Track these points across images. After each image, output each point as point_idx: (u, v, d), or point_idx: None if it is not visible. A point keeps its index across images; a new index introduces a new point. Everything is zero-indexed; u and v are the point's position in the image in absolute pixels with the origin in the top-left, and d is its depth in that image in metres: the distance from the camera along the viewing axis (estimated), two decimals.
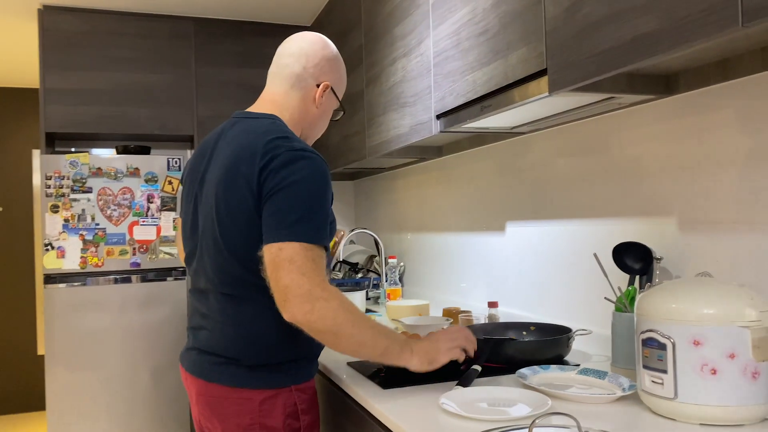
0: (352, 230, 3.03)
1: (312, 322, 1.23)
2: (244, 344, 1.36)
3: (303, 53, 1.49)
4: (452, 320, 2.12)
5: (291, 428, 1.37)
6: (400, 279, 3.06)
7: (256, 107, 1.50)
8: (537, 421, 1.00)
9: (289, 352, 1.38)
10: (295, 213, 1.27)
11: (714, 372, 1.06)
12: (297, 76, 1.48)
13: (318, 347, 1.44)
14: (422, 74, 1.97)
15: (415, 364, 1.35)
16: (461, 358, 1.41)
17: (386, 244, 3.31)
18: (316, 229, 1.28)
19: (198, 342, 1.44)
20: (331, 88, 1.52)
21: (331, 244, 3.10)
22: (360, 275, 3.26)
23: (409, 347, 1.35)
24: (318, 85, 1.49)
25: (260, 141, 1.33)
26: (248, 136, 1.37)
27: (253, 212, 1.31)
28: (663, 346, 1.10)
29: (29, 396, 4.78)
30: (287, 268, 1.24)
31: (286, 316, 1.25)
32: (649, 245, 1.52)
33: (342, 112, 1.60)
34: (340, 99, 1.57)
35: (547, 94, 1.36)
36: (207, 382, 1.39)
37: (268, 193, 1.29)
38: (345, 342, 1.27)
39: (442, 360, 1.38)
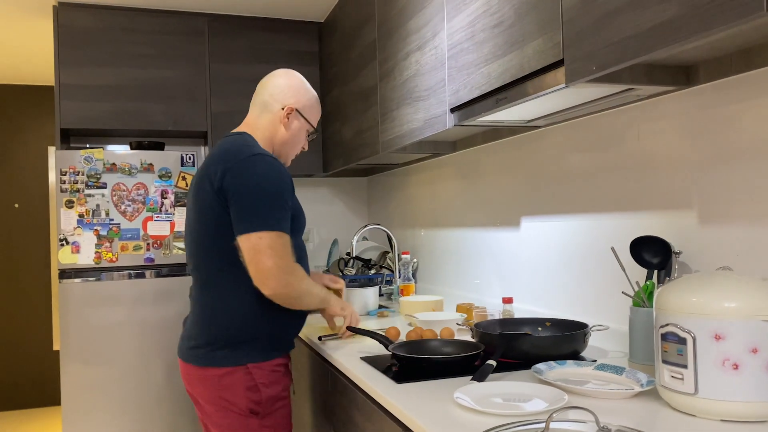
0: (365, 226, 3.02)
1: (288, 293, 1.58)
2: (207, 327, 1.63)
3: (270, 84, 1.80)
4: (466, 316, 2.11)
5: (251, 400, 1.61)
6: (414, 275, 3.04)
7: (236, 130, 1.80)
8: (554, 415, 0.98)
9: (246, 333, 1.61)
10: (261, 207, 1.56)
11: (736, 367, 1.03)
12: (264, 102, 1.78)
13: (275, 328, 1.66)
14: (436, 67, 1.95)
15: (334, 304, 1.81)
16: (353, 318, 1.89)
17: (399, 240, 3.30)
18: (284, 220, 1.59)
19: (184, 329, 1.74)
20: (297, 111, 1.78)
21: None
22: (373, 271, 3.25)
23: (331, 297, 1.81)
24: (283, 108, 1.77)
25: (226, 149, 1.65)
26: (219, 148, 1.68)
27: (216, 208, 1.60)
28: (683, 341, 1.08)
29: (45, 391, 4.82)
30: (268, 253, 1.54)
31: (267, 292, 1.55)
32: (667, 239, 1.49)
33: (315, 133, 1.88)
34: (310, 121, 1.83)
35: (564, 85, 1.34)
36: (184, 362, 1.68)
37: (234, 191, 1.57)
38: (305, 300, 1.64)
39: (350, 309, 1.87)
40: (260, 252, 1.53)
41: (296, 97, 1.79)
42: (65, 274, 2.82)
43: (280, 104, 1.77)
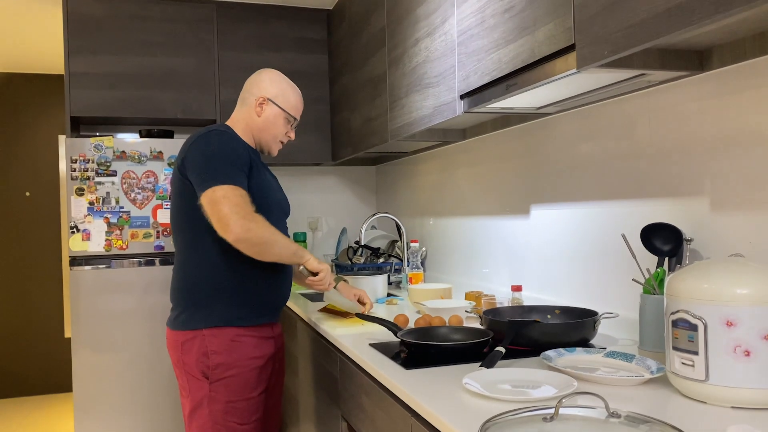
0: (374, 215, 3.01)
1: (250, 238, 1.66)
2: (176, 292, 1.82)
3: (248, 81, 1.98)
4: (475, 303, 2.10)
5: (203, 365, 1.76)
6: (423, 264, 3.04)
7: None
8: (564, 401, 0.98)
9: (205, 298, 1.76)
10: (215, 166, 1.70)
11: (747, 354, 1.03)
12: (242, 96, 1.96)
13: (235, 297, 1.78)
14: (446, 54, 1.94)
15: (312, 260, 1.84)
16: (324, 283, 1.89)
17: (408, 228, 3.29)
18: (234, 176, 1.70)
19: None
20: (269, 99, 1.92)
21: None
22: (382, 260, 3.25)
23: (307, 253, 1.84)
24: (257, 99, 1.91)
25: (193, 135, 1.81)
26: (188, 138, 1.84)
27: (181, 184, 1.77)
28: (694, 327, 1.07)
29: (57, 378, 4.87)
30: (224, 202, 1.65)
31: (230, 238, 1.64)
32: (679, 226, 1.48)
33: (293, 119, 1.97)
34: (285, 108, 1.94)
35: (575, 70, 1.32)
36: (167, 327, 1.87)
37: (190, 161, 1.74)
38: (274, 249, 1.71)
39: (325, 267, 1.87)
40: (217, 202, 1.65)
41: (269, 88, 1.93)
42: (76, 261, 2.84)
43: (255, 96, 1.92)
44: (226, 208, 1.64)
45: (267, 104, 1.92)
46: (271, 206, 1.84)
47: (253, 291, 1.81)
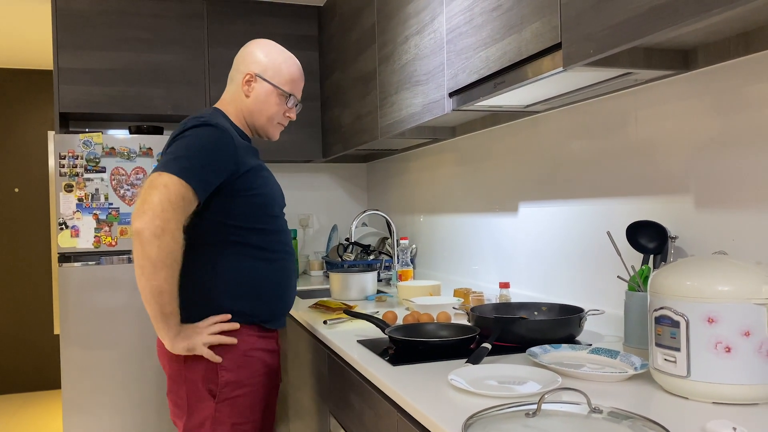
0: (365, 212, 3.02)
1: (152, 245, 1.37)
2: (181, 299, 1.51)
3: (235, 59, 1.72)
4: (463, 300, 2.11)
5: (210, 382, 1.52)
6: (412, 261, 3.05)
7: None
8: (546, 396, 0.98)
9: (213, 310, 1.52)
10: (178, 155, 1.45)
11: (728, 350, 1.04)
12: (231, 76, 1.71)
13: (246, 308, 1.55)
14: (435, 52, 1.94)
15: (177, 347, 1.47)
16: (222, 341, 1.51)
17: (398, 225, 3.30)
18: (193, 172, 1.43)
19: None
20: (258, 76, 1.66)
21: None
22: (372, 257, 3.25)
23: (179, 330, 1.47)
24: (244, 77, 1.66)
25: (181, 123, 1.56)
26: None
27: None
28: (676, 324, 1.09)
29: (46, 374, 4.85)
30: (161, 190, 1.39)
31: (137, 224, 1.38)
32: (664, 224, 1.49)
33: (289, 96, 1.71)
34: (277, 84, 1.67)
35: (561, 69, 1.33)
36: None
37: (172, 147, 1.49)
38: (156, 281, 1.39)
39: (200, 351, 1.49)
40: (154, 187, 1.39)
41: (257, 62, 1.67)
42: (65, 258, 2.82)
43: (242, 73, 1.67)
44: (157, 198, 1.38)
45: (255, 81, 1.66)
46: (266, 206, 1.60)
47: (263, 300, 1.59)
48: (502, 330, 1.50)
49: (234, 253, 1.54)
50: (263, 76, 1.66)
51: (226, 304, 1.54)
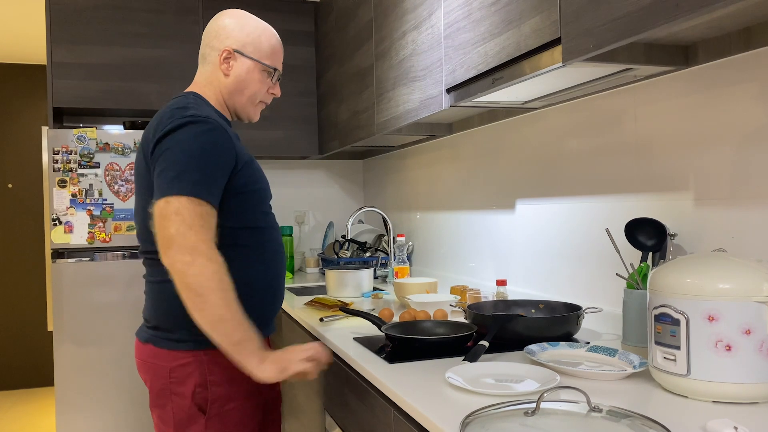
0: (361, 209, 3.00)
1: (187, 275, 1.26)
2: (158, 305, 1.44)
3: (204, 33, 1.56)
4: (460, 298, 2.10)
5: (200, 397, 1.41)
6: (409, 258, 3.03)
7: (185, 90, 1.57)
8: (545, 395, 0.97)
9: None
10: (181, 170, 1.31)
11: (729, 348, 1.03)
12: (202, 54, 1.56)
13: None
14: (432, 47, 1.93)
15: (265, 368, 1.31)
16: (314, 371, 1.39)
17: (395, 223, 3.29)
18: (202, 185, 1.32)
19: (144, 310, 1.54)
20: (236, 51, 1.52)
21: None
22: (368, 254, 3.24)
23: (263, 354, 1.32)
24: (220, 54, 1.52)
25: (160, 115, 1.42)
26: (156, 116, 1.45)
27: (150, 178, 1.40)
28: (676, 322, 1.07)
29: (40, 371, 4.83)
30: (173, 219, 1.27)
31: (166, 262, 1.28)
32: (662, 221, 1.48)
33: (273, 71, 1.57)
34: (258, 59, 1.53)
35: (560, 64, 1.32)
36: (140, 343, 1.49)
37: (156, 156, 1.36)
38: (207, 310, 1.27)
39: (294, 368, 1.35)
40: (166, 218, 1.28)
41: (232, 37, 1.51)
42: (58, 254, 2.80)
43: (218, 50, 1.52)
44: (173, 229, 1.27)
45: (234, 58, 1.52)
46: (259, 199, 1.50)
47: (258, 302, 1.48)
48: (500, 328, 1.49)
49: (227, 258, 1.37)
50: (242, 51, 1.52)
51: None
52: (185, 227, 1.27)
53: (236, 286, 1.35)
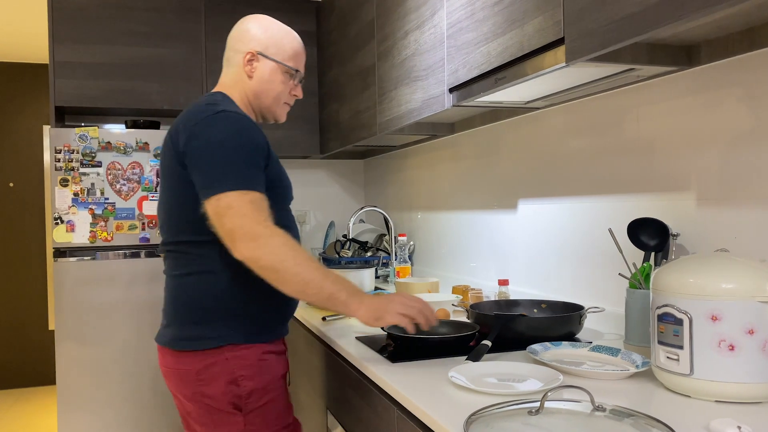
0: (362, 208, 3.00)
1: (258, 258, 1.30)
2: (177, 297, 1.45)
3: (229, 38, 1.62)
4: (462, 297, 2.10)
5: (232, 394, 1.41)
6: (410, 257, 3.04)
7: (212, 91, 1.60)
8: (549, 394, 0.97)
9: (223, 310, 1.42)
10: (223, 165, 1.35)
11: (732, 348, 1.03)
12: (227, 57, 1.61)
13: (257, 308, 1.45)
14: (435, 47, 1.93)
15: (362, 315, 1.34)
16: (409, 327, 1.37)
17: (396, 222, 3.29)
18: (245, 176, 1.36)
19: (163, 309, 1.54)
20: (260, 53, 1.56)
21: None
22: (369, 254, 3.24)
23: (359, 297, 1.34)
24: (244, 56, 1.57)
25: (189, 110, 1.46)
26: (185, 112, 1.47)
27: (181, 176, 1.42)
28: (679, 322, 1.08)
29: (41, 370, 4.83)
30: (228, 214, 1.32)
31: (237, 256, 1.32)
32: (665, 221, 1.49)
33: (296, 72, 1.61)
34: (281, 60, 1.58)
35: (564, 64, 1.32)
36: (160, 346, 1.49)
37: (192, 155, 1.39)
38: (290, 280, 1.30)
39: (389, 320, 1.34)
40: (221, 215, 1.33)
41: (256, 39, 1.56)
42: (60, 253, 2.80)
43: (241, 53, 1.57)
44: (230, 223, 1.31)
45: (257, 60, 1.56)
46: (282, 196, 1.52)
47: (272, 301, 1.48)
48: (502, 327, 1.49)
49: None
50: (265, 53, 1.56)
51: (239, 308, 1.43)
52: (239, 217, 1.32)
53: (258, 283, 1.37)
